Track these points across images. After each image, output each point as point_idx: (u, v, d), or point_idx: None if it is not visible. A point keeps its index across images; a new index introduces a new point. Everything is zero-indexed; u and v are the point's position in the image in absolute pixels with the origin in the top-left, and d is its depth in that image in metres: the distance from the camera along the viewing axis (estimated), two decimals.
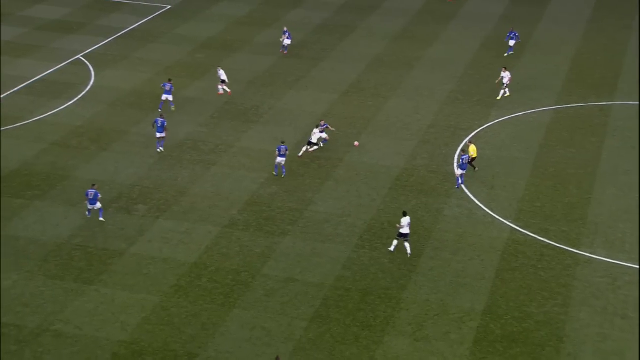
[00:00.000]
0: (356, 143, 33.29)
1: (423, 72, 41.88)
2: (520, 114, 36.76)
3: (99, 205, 28.11)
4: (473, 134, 34.64)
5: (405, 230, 26.00)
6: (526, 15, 49.94)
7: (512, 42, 43.18)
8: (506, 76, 37.75)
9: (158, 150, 32.74)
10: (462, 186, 30.47)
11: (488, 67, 41.93)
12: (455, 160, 31.85)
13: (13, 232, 27.29)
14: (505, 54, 43.22)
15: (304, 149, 32.50)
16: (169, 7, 52.15)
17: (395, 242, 26.48)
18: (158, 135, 32.44)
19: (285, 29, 44.47)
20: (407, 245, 26.24)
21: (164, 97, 36.40)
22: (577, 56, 43.48)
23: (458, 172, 30.39)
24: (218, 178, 31.44)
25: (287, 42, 43.75)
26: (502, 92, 37.91)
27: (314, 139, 32.51)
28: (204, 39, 46.31)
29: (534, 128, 35.35)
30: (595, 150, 33.25)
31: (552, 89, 39.32)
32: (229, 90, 38.48)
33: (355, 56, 44.14)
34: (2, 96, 37.61)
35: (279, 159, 30.87)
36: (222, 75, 38.42)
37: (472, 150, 30.90)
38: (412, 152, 33.37)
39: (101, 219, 28.13)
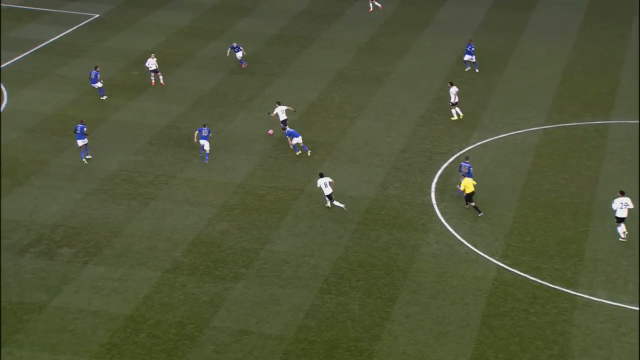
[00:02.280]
0: (270, 131, 36.20)
1: (393, 88, 42.86)
2: (505, 135, 37.84)
3: None
4: (452, 158, 35.52)
5: (328, 190, 31.21)
6: (509, 22, 51.64)
7: (467, 57, 43.89)
8: (452, 93, 38.27)
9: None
10: (442, 219, 31.13)
11: (468, 83, 43.12)
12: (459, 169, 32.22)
13: None
14: (467, 69, 44.20)
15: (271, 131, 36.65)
16: (97, 15, 52.43)
17: (335, 203, 31.19)
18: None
19: (235, 44, 45.09)
20: (336, 203, 31.34)
21: (95, 85, 40.06)
22: (568, 69, 45.08)
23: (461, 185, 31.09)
24: (158, 214, 31.55)
25: (239, 54, 44.36)
26: (453, 111, 38.70)
27: (282, 117, 36.51)
28: (140, 52, 46.64)
29: (521, 151, 36.42)
30: (592, 176, 34.40)
31: (541, 106, 40.64)
32: (162, 81, 41.53)
33: (315, 71, 44.97)
34: None
35: (202, 141, 34.39)
36: (152, 64, 41.43)
37: (468, 185, 30.97)
38: (383, 180, 34.03)
39: None
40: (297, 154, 35.74)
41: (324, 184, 31.44)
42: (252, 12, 53.65)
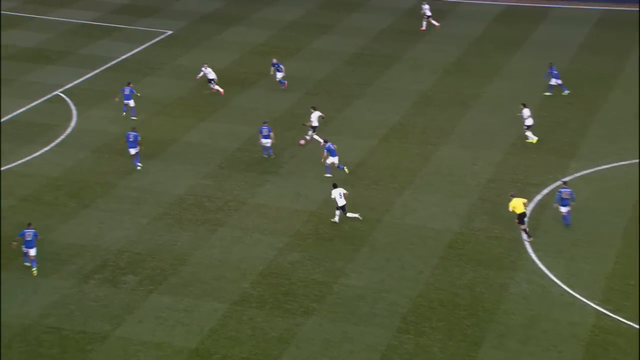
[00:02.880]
0: (302, 142, 38.05)
1: (482, 113, 42.32)
2: (607, 166, 36.81)
3: (34, 252, 29.11)
4: (546, 190, 34.71)
5: (342, 201, 31.85)
6: (614, 42, 50.41)
7: (553, 81, 43.17)
8: (525, 115, 38.34)
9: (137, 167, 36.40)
10: (533, 256, 30.36)
11: (565, 108, 42.23)
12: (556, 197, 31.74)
13: None
14: (549, 93, 43.26)
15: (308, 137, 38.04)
16: (170, 32, 53.83)
17: (337, 214, 32.03)
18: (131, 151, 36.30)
19: (275, 60, 45.36)
20: (350, 214, 32.10)
21: (126, 101, 40.88)
22: None
23: (562, 209, 30.81)
24: (226, 242, 31.82)
25: (279, 75, 44.61)
26: (528, 134, 38.49)
27: (315, 122, 37.88)
28: (213, 71, 47.48)
29: (625, 184, 35.30)
30: None
31: None
32: (221, 90, 42.91)
33: (397, 93, 44.86)
34: None
35: (264, 141, 36.58)
36: (210, 73, 42.89)
37: (517, 205, 30.92)
38: (468, 212, 33.48)
39: (34, 269, 29.27)
40: (326, 175, 35.62)
41: (339, 195, 32.10)
42: (331, 30, 54.09)
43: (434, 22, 53.51)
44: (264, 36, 53.08)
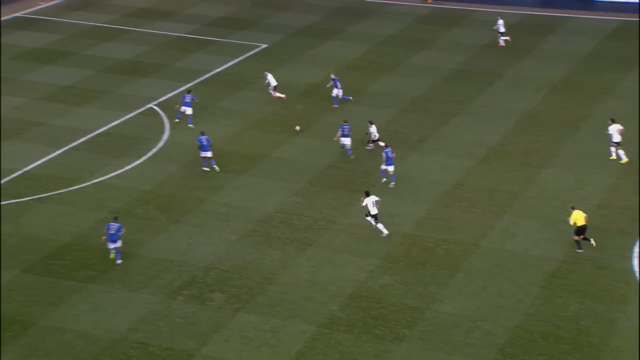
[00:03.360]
0: (297, 127, 39.92)
1: (591, 135, 41.32)
2: None
3: (119, 243, 30.99)
4: None
5: (375, 210, 32.56)
6: None
7: None
8: (613, 131, 37.36)
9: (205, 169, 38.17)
10: None
11: None
12: None
13: (59, 322, 28.73)
14: None
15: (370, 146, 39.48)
16: (265, 46, 54.85)
17: (373, 224, 32.88)
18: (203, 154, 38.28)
19: (333, 75, 45.46)
20: (380, 226, 32.84)
21: (183, 108, 42.75)
22: None
23: None
24: (315, 262, 32.05)
25: (335, 92, 44.69)
26: (612, 150, 37.52)
27: (375, 136, 39.29)
28: (305, 86, 48.15)
29: None
30: None
31: None
32: (283, 96, 44.55)
33: (499, 111, 44.34)
34: (57, 153, 40.50)
35: (343, 140, 38.77)
36: (272, 80, 43.97)
37: (578, 218, 30.87)
38: (573, 240, 32.71)
39: (118, 261, 31.28)
40: (383, 180, 36.89)
41: (372, 203, 32.87)
42: (430, 45, 54.01)
43: (503, 38, 52.90)
44: (360, 51, 53.42)
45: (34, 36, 56.21)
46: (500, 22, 53.35)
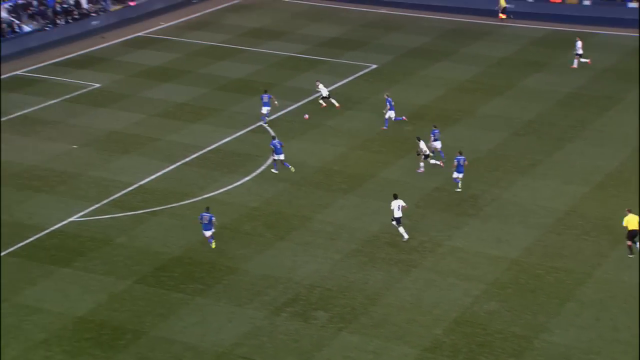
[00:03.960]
0: (306, 116, 40.64)
1: None
2: None
3: (212, 230, 33.76)
4: None
5: (399, 213, 33.71)
6: None
7: None
8: None
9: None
10: None
11: None
12: None
13: (168, 333, 29.46)
14: None
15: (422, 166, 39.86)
16: (375, 66, 55.02)
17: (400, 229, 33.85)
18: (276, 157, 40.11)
19: (387, 94, 45.17)
20: (401, 230, 34.00)
21: (264, 109, 44.89)
22: None
23: None
24: (420, 285, 31.78)
25: (388, 114, 44.09)
26: None
27: (425, 149, 39.52)
28: (415, 107, 47.98)
29: None
30: None
31: None
32: (337, 104, 45.98)
33: (616, 137, 43.01)
34: (170, 168, 41.72)
35: (435, 144, 40.12)
36: (323, 90, 46.50)
37: (631, 221, 30.43)
38: None
39: (212, 245, 34.02)
40: (458, 190, 37.87)
41: (398, 207, 33.94)
42: (545, 68, 52.98)
43: (581, 60, 51.65)
44: (471, 72, 52.88)
45: (154, 55, 58.22)
46: (579, 44, 52.02)
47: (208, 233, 34.11)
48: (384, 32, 61.93)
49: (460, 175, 37.93)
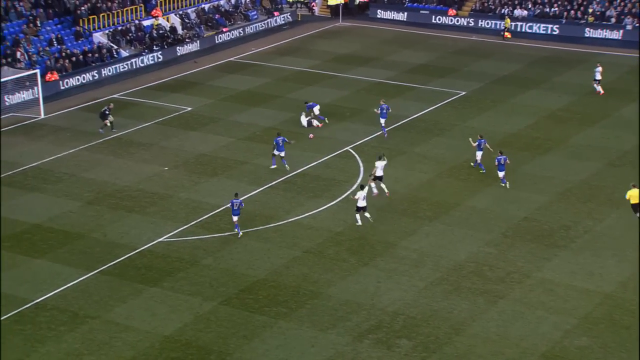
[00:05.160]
0: (311, 135, 41.74)
1: None
2: None
3: (238, 217, 36.19)
4: None
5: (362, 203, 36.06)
6: None
7: None
8: None
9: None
10: None
11: None
12: None
13: (251, 355, 29.40)
14: None
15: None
16: (463, 93, 54.45)
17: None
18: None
19: (383, 101, 46.55)
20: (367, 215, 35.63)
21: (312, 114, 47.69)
22: None
23: None
24: (506, 316, 30.97)
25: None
26: None
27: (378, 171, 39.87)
28: (503, 135, 47.17)
29: None
30: None
31: None
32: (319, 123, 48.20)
33: None
34: (257, 191, 42.04)
35: (478, 153, 41.62)
36: (316, 110, 48.91)
37: (633, 195, 30.66)
38: None
39: (239, 234, 36.55)
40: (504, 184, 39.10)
41: (362, 197, 36.24)
42: None
43: (597, 87, 50.51)
44: (564, 101, 51.72)
45: (244, 79, 59.04)
46: (599, 69, 50.50)
47: (236, 218, 36.79)
48: (474, 59, 61.32)
49: (502, 174, 39.90)
